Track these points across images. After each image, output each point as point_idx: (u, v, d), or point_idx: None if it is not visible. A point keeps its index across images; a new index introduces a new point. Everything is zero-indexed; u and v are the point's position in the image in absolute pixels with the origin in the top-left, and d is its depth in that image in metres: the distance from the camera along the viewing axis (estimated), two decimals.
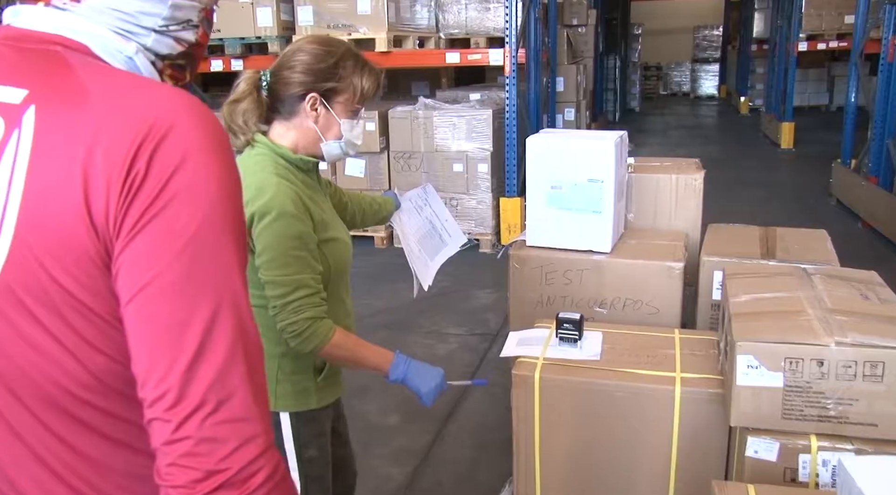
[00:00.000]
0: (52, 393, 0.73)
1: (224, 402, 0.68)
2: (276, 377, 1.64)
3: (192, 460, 0.67)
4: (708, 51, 18.70)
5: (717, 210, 3.29)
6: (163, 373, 0.67)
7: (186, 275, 0.68)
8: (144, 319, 0.68)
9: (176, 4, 0.82)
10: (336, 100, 1.58)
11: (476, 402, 3.29)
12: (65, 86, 0.71)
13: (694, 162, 3.12)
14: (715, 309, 2.46)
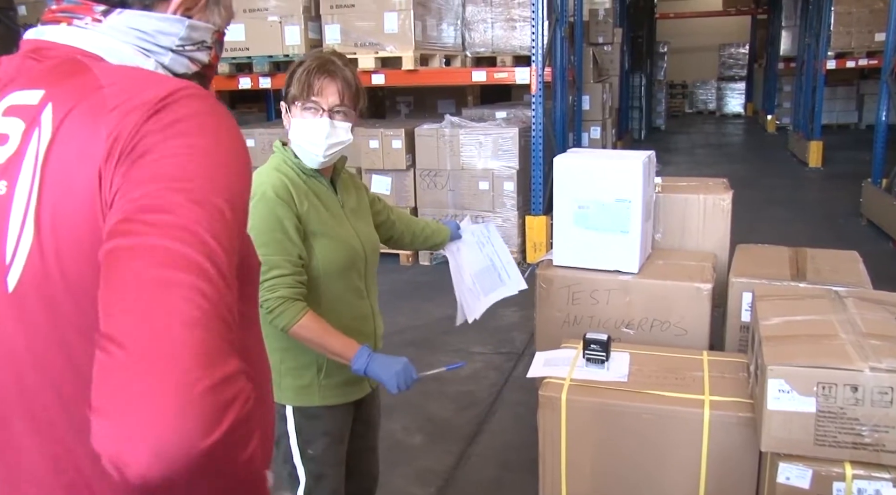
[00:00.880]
0: (73, 392, 0.73)
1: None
2: (279, 370, 1.70)
3: None
4: (734, 69, 18.60)
5: (744, 230, 3.26)
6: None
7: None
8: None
9: (192, 26, 0.85)
10: (296, 105, 1.69)
11: (501, 422, 3.27)
12: (80, 83, 0.74)
13: (722, 182, 3.10)
14: (744, 331, 2.44)
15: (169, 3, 0.83)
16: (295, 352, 1.70)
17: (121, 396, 0.57)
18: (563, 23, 6.32)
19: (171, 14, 0.84)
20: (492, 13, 6.02)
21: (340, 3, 5.59)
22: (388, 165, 5.64)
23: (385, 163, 5.62)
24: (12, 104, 0.75)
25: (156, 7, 0.82)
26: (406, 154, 5.62)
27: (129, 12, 0.81)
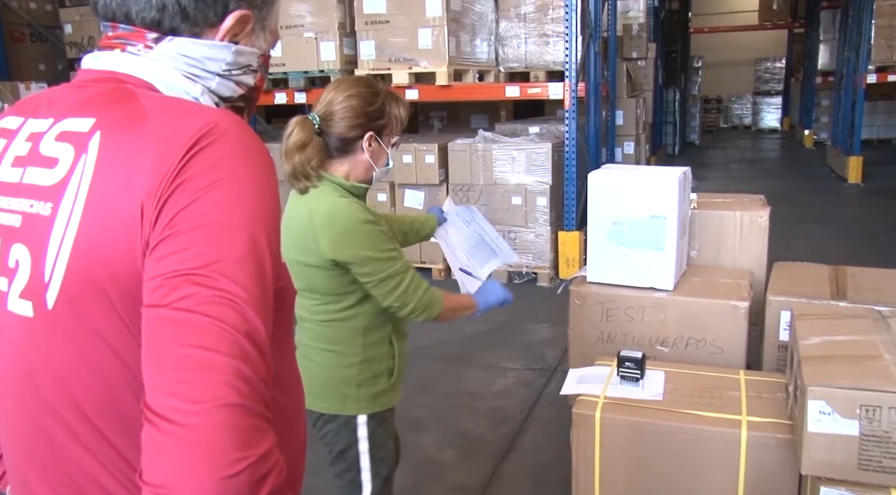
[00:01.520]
0: (112, 406, 0.78)
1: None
2: (356, 383, 1.78)
3: None
4: (770, 83, 18.38)
5: (780, 247, 3.21)
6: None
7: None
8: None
9: (239, 51, 0.88)
10: (384, 134, 1.79)
11: (533, 439, 3.25)
12: (127, 112, 0.78)
13: (759, 198, 3.06)
14: (782, 350, 2.39)
15: (217, 30, 0.86)
16: (371, 363, 1.79)
17: (168, 472, 0.63)
18: (596, 38, 6.31)
19: (218, 41, 0.86)
20: (525, 29, 6.05)
21: (375, 19, 5.66)
22: (420, 180, 5.67)
23: (418, 177, 5.65)
24: (64, 130, 0.79)
25: (204, 34, 0.85)
26: (439, 169, 5.65)
27: (180, 39, 0.84)
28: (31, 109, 0.85)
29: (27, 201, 0.78)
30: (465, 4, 5.78)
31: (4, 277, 0.79)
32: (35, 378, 0.80)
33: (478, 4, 6.00)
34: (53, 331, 0.76)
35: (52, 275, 0.75)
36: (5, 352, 0.82)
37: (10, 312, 0.79)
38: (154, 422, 0.65)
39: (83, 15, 6.91)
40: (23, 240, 0.77)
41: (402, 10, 5.55)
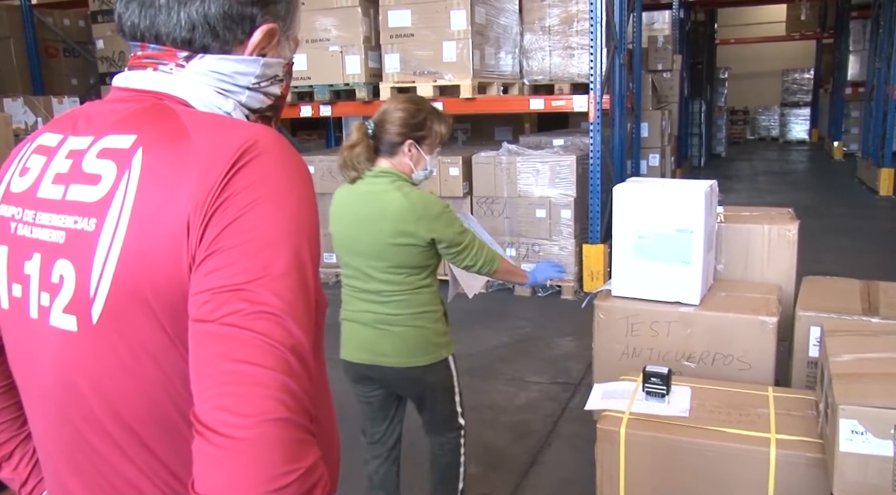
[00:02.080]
0: (154, 416, 0.80)
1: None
2: (442, 332, 2.22)
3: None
4: (798, 94, 18.19)
5: (809, 260, 3.16)
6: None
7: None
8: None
9: (267, 63, 0.89)
10: (424, 143, 2.16)
11: (557, 454, 3.22)
12: (168, 128, 0.79)
13: (787, 212, 3.03)
14: (812, 366, 2.35)
15: (245, 45, 0.87)
16: (441, 320, 2.22)
17: (220, 484, 0.65)
18: (621, 50, 6.30)
19: (247, 55, 0.88)
20: (550, 41, 6.05)
21: (400, 32, 5.70)
22: (445, 192, 5.68)
23: (442, 190, 5.66)
24: (106, 147, 0.80)
25: (233, 50, 0.87)
26: (463, 181, 5.65)
27: (210, 57, 0.85)
28: (69, 126, 0.86)
29: (71, 217, 0.79)
30: (490, 17, 5.80)
31: (47, 293, 0.80)
32: (77, 389, 0.81)
33: (502, 17, 6.02)
34: (97, 345, 0.78)
35: (98, 290, 0.76)
36: (47, 365, 0.83)
37: (52, 327, 0.80)
38: (204, 435, 0.67)
39: (114, 31, 7.04)
40: (67, 256, 0.78)
41: (427, 23, 5.59)
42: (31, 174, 0.84)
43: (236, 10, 0.84)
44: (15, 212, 0.84)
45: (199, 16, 0.83)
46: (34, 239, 0.81)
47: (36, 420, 0.89)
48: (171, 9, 0.83)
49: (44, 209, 0.81)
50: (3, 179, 0.88)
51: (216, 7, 0.83)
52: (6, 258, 0.84)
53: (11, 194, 0.85)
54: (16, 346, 0.87)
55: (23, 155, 0.87)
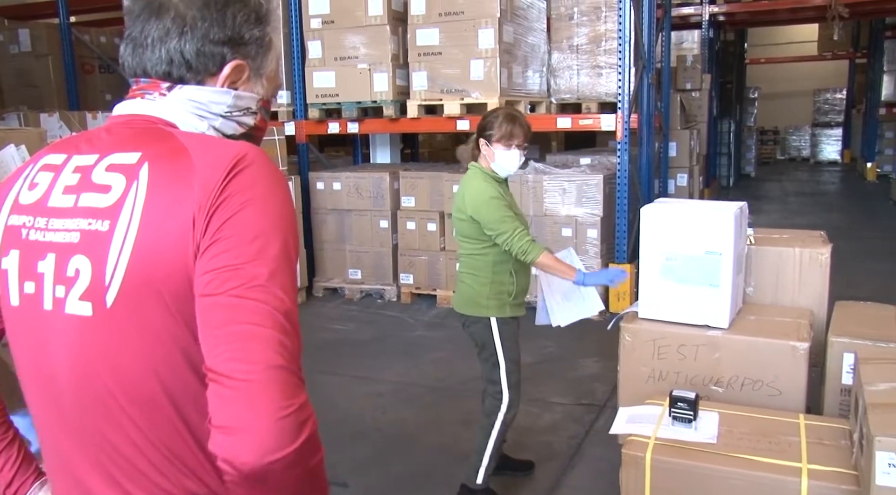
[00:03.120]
0: (160, 388, 0.93)
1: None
2: (486, 296, 2.72)
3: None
4: (830, 114, 17.95)
5: (841, 285, 3.09)
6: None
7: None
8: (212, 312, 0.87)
9: (238, 96, 1.04)
10: (492, 140, 2.71)
11: (581, 477, 3.17)
12: (169, 147, 0.94)
13: (819, 234, 2.97)
14: (845, 394, 2.30)
15: (217, 78, 1.03)
16: (496, 285, 2.72)
17: (234, 418, 0.82)
18: (650, 69, 6.27)
19: (219, 87, 1.03)
20: (577, 60, 6.04)
21: (428, 50, 5.73)
22: None
23: None
24: (113, 163, 0.95)
25: (207, 82, 1.03)
26: None
27: (187, 87, 1.01)
28: (72, 148, 1.01)
29: (84, 220, 0.93)
30: (518, 36, 5.81)
31: (62, 285, 0.94)
32: (91, 367, 0.94)
33: (530, 36, 6.03)
34: (110, 326, 0.92)
35: (112, 279, 0.90)
36: (61, 349, 0.95)
37: (67, 315, 0.93)
38: (219, 381, 0.83)
39: None
40: (83, 252, 0.92)
41: (455, 41, 5.61)
42: (40, 188, 0.98)
43: (208, 48, 1.00)
44: (26, 220, 0.97)
45: (175, 52, 0.99)
46: (47, 241, 0.95)
47: (43, 404, 1.01)
48: (154, 47, 1.00)
49: (56, 216, 0.95)
50: (10, 194, 1.01)
51: (190, 45, 1.00)
52: (18, 260, 0.97)
53: (21, 206, 0.99)
54: (26, 337, 0.99)
55: (28, 173, 1.01)
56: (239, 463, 0.81)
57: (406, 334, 5.27)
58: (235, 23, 1.02)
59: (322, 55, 5.99)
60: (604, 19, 5.87)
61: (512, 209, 2.75)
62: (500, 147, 2.70)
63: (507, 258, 2.71)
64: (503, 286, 2.72)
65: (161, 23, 0.99)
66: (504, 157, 2.71)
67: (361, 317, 5.64)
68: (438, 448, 3.40)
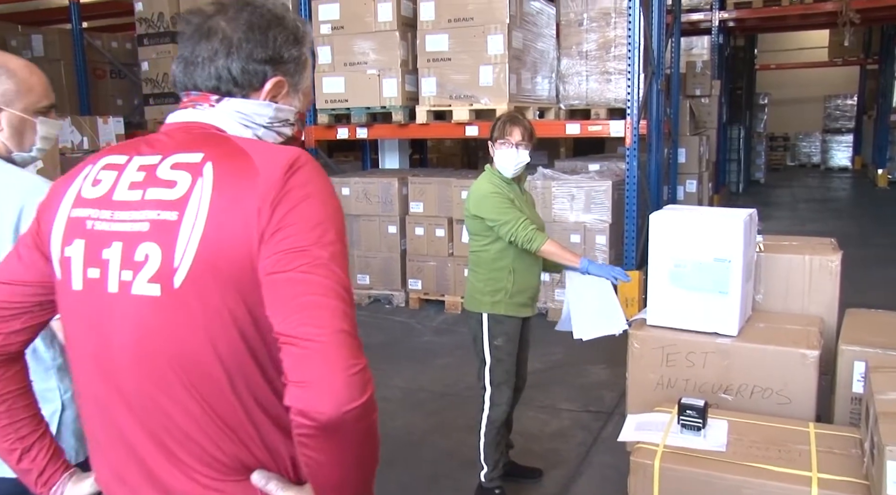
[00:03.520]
0: (220, 359, 1.02)
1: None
2: (480, 292, 2.82)
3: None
4: (840, 121, 17.88)
5: (851, 292, 3.07)
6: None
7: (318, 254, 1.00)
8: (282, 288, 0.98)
9: (278, 108, 1.17)
10: (497, 143, 2.83)
11: (588, 485, 3.16)
12: (229, 149, 1.06)
13: (829, 241, 2.95)
14: (855, 403, 2.28)
15: (260, 92, 1.15)
16: (492, 281, 2.80)
17: (311, 374, 0.92)
18: (659, 75, 6.27)
19: (262, 100, 1.15)
20: (587, 66, 6.04)
21: (437, 56, 5.74)
22: None
23: None
24: (177, 162, 1.06)
25: (251, 96, 1.15)
26: None
27: (233, 99, 1.13)
28: (132, 150, 1.11)
29: (153, 211, 1.03)
30: (527, 42, 5.82)
31: (129, 270, 1.03)
32: (156, 342, 1.03)
33: (539, 42, 6.03)
34: (176, 304, 1.01)
35: (181, 263, 1.00)
36: (125, 328, 1.04)
37: (134, 296, 1.03)
38: (294, 343, 0.94)
39: (159, 53, 7.22)
40: (152, 240, 1.02)
41: (464, 47, 5.62)
42: (105, 184, 1.08)
43: (252, 66, 1.12)
44: (90, 213, 1.07)
45: (223, 69, 1.11)
46: (113, 231, 1.04)
47: (98, 379, 1.08)
48: (204, 65, 1.12)
49: (121, 208, 1.05)
50: (69, 190, 1.11)
51: (236, 64, 1.11)
52: (83, 249, 1.06)
53: (84, 200, 1.08)
54: (88, 318, 1.07)
55: (89, 172, 1.11)
56: (316, 412, 0.91)
57: (414, 340, 5.27)
58: (276, 44, 1.14)
59: (332, 61, 6.00)
60: (613, 25, 5.87)
61: (522, 209, 2.79)
62: (499, 146, 2.80)
63: (505, 255, 2.78)
64: (500, 283, 2.78)
65: (210, 44, 1.11)
66: (502, 156, 2.80)
67: (369, 323, 5.64)
68: (446, 453, 3.39)
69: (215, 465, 1.05)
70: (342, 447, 0.95)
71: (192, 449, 1.04)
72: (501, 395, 2.85)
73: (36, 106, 1.64)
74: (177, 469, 1.05)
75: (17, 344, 1.18)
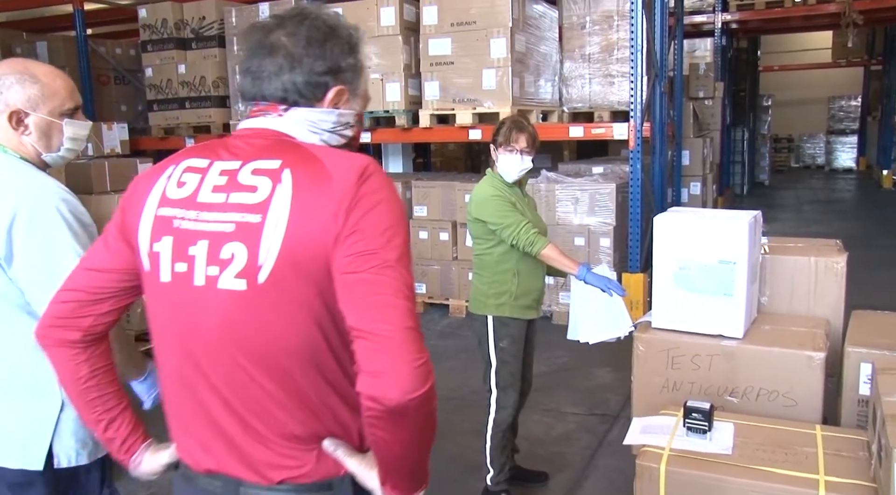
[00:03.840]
0: (297, 348, 1.14)
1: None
2: (485, 294, 2.83)
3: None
4: (845, 122, 17.84)
5: (856, 294, 3.06)
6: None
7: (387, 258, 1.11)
8: (355, 288, 1.10)
9: (341, 114, 1.27)
10: (499, 146, 2.83)
11: (593, 488, 3.15)
12: (304, 156, 1.17)
13: (835, 243, 2.95)
14: (862, 405, 2.27)
15: (323, 101, 1.25)
16: (497, 284, 2.81)
17: (382, 365, 1.05)
18: (662, 78, 6.26)
19: (325, 108, 1.25)
20: (590, 69, 6.04)
21: (440, 60, 5.75)
22: None
23: None
24: (257, 168, 1.17)
25: (315, 104, 1.25)
26: None
27: (300, 109, 1.24)
28: (212, 154, 1.22)
29: (238, 214, 1.14)
30: (530, 46, 5.82)
31: (215, 266, 1.14)
32: (240, 330, 1.15)
33: (542, 45, 6.03)
34: (260, 297, 1.12)
35: (265, 261, 1.11)
36: (211, 317, 1.16)
37: (220, 289, 1.14)
38: (367, 337, 1.06)
39: (163, 59, 7.23)
40: (238, 240, 1.13)
41: (467, 51, 5.63)
42: (189, 186, 1.19)
43: (314, 79, 1.22)
44: (177, 212, 1.18)
45: (289, 82, 1.22)
46: (198, 230, 1.16)
47: (182, 361, 1.21)
48: (271, 79, 1.22)
49: (206, 209, 1.16)
50: (154, 189, 1.22)
51: (301, 77, 1.21)
52: (171, 245, 1.18)
53: (170, 199, 1.19)
54: (174, 308, 1.19)
55: (171, 172, 1.22)
56: (386, 399, 1.04)
57: None
58: (333, 55, 1.24)
59: None
60: (616, 28, 5.87)
61: (524, 212, 2.81)
62: (503, 151, 2.81)
63: (509, 258, 2.79)
64: (504, 286, 2.80)
65: (274, 60, 1.21)
66: (506, 161, 2.81)
67: None
68: (452, 457, 3.38)
69: (291, 437, 1.18)
70: (405, 428, 1.08)
71: (270, 423, 1.17)
72: (507, 398, 2.85)
73: (61, 108, 1.72)
74: (256, 440, 1.18)
75: (104, 324, 1.31)
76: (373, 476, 1.18)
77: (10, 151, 1.70)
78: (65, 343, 1.29)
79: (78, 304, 1.28)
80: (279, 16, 1.26)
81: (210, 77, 7.01)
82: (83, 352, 1.30)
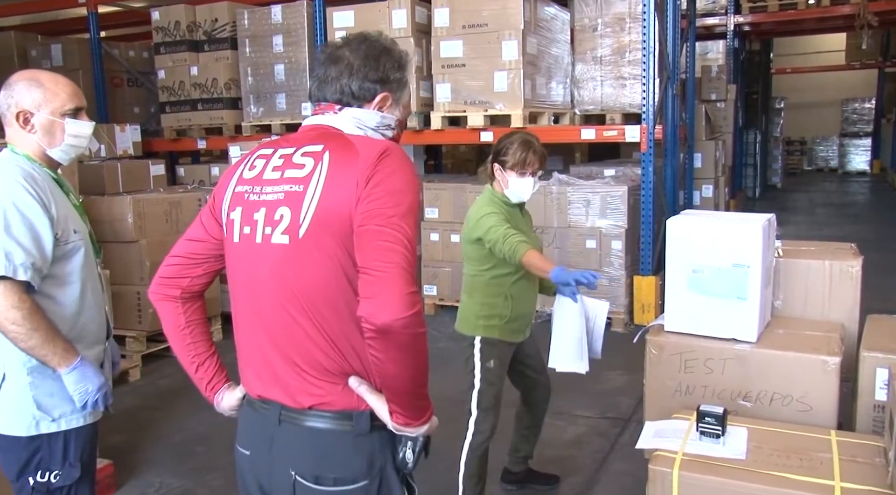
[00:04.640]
0: (330, 293, 1.40)
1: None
2: (475, 315, 2.76)
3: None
4: (858, 124, 17.72)
5: (874, 298, 3.03)
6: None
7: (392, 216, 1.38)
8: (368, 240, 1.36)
9: (383, 116, 1.57)
10: (506, 166, 2.73)
11: (605, 493, 3.13)
12: (342, 142, 1.46)
13: (849, 247, 2.92)
14: (878, 410, 2.25)
15: (371, 103, 1.55)
16: (487, 306, 2.75)
17: (376, 292, 1.30)
18: (674, 80, 6.24)
19: (372, 110, 1.55)
20: (601, 71, 6.03)
21: (452, 62, 5.75)
22: None
23: None
24: (306, 151, 1.47)
25: (364, 106, 1.55)
26: None
27: (352, 109, 1.54)
28: (277, 145, 1.54)
29: (287, 186, 1.44)
30: (542, 48, 5.81)
31: (270, 226, 1.44)
32: (286, 279, 1.42)
33: (554, 48, 6.03)
34: (300, 249, 1.40)
35: (304, 221, 1.40)
36: (266, 268, 1.44)
37: (272, 244, 1.43)
38: (368, 272, 1.32)
39: (175, 61, 7.28)
40: (286, 205, 1.43)
41: (479, 53, 5.63)
42: (257, 168, 1.51)
43: (366, 85, 1.53)
44: (247, 188, 1.50)
45: (345, 86, 1.53)
46: (261, 200, 1.46)
47: (248, 308, 1.51)
48: (332, 83, 1.53)
49: (267, 185, 1.47)
50: (235, 174, 1.55)
51: (355, 83, 1.52)
52: (241, 213, 1.49)
53: (244, 179, 1.52)
54: (243, 262, 1.49)
55: (248, 161, 1.55)
56: (376, 318, 1.28)
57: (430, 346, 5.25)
58: (385, 68, 1.54)
59: None
60: (628, 30, 5.86)
61: (519, 228, 2.71)
62: (513, 174, 2.71)
63: (502, 282, 2.72)
64: (495, 309, 2.73)
65: (337, 68, 1.52)
66: (518, 185, 2.72)
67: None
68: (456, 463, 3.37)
69: (323, 370, 1.43)
70: (394, 346, 1.30)
71: (306, 357, 1.43)
72: (486, 421, 2.77)
73: (62, 109, 1.97)
74: (294, 371, 1.44)
75: (200, 285, 1.64)
76: (386, 410, 1.40)
77: (18, 151, 1.96)
78: (168, 298, 1.62)
79: (179, 267, 1.62)
80: (347, 38, 1.58)
81: (222, 79, 7.04)
82: (181, 306, 1.63)
